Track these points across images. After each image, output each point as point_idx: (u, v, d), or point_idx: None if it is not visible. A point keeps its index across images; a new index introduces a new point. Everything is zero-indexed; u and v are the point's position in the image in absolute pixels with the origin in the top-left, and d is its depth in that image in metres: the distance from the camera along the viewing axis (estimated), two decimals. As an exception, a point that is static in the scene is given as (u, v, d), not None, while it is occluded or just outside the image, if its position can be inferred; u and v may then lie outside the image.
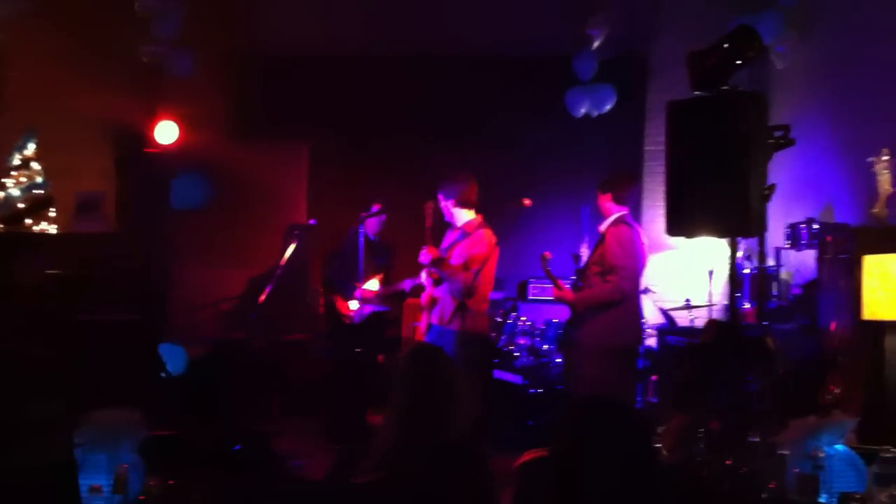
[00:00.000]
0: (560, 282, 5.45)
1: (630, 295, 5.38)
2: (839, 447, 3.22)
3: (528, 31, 8.19)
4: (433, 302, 5.62)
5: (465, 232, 5.69)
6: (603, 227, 5.50)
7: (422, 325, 5.72)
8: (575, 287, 5.48)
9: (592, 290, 5.33)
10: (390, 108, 8.27)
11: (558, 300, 5.53)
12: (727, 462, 3.20)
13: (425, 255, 5.53)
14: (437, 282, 5.60)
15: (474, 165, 6.63)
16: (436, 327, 5.59)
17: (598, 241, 5.48)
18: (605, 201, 5.51)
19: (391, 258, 7.27)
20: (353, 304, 6.67)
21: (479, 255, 5.47)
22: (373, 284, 6.97)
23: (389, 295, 7.05)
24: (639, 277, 5.47)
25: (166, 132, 7.80)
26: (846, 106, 6.10)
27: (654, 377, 6.78)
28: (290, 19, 8.15)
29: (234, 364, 7.49)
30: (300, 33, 8.31)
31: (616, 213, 5.46)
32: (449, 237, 5.85)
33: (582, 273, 5.48)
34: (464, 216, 5.67)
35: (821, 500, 3.03)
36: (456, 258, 5.55)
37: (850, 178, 5.85)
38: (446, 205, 5.68)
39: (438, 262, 5.49)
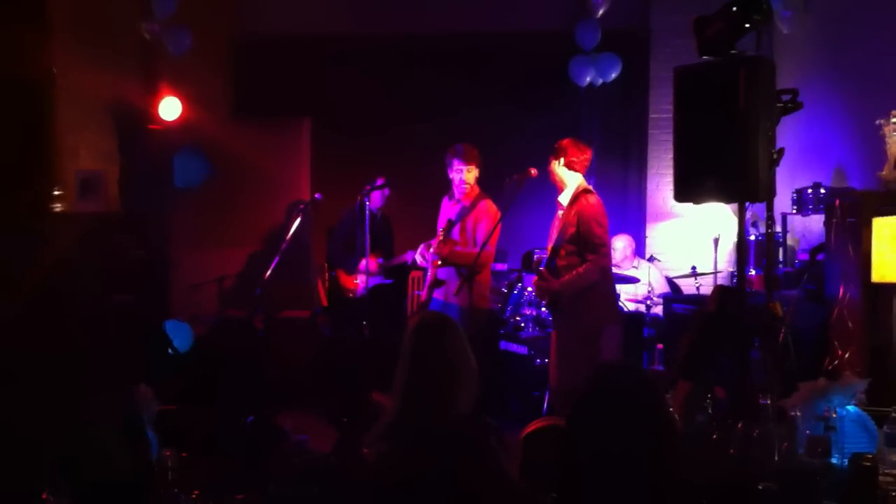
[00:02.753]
0: (543, 270, 5.18)
1: (609, 271, 5.30)
2: (850, 408, 3.23)
3: (530, 4, 8.16)
4: (437, 283, 5.64)
5: (466, 205, 5.71)
6: (566, 199, 5.25)
7: (422, 295, 5.74)
8: (548, 267, 5.20)
9: (574, 274, 5.09)
10: (392, 83, 8.23)
11: (541, 292, 5.28)
12: (738, 426, 3.20)
13: (433, 255, 5.61)
14: (444, 261, 5.62)
15: (478, 137, 6.63)
16: (438, 301, 5.60)
17: (566, 216, 5.20)
18: (558, 168, 5.27)
19: (392, 231, 7.28)
20: (357, 280, 6.68)
21: (485, 230, 5.49)
22: (377, 260, 6.98)
23: (393, 268, 7.06)
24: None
25: (170, 108, 7.78)
26: (852, 69, 6.06)
27: (659, 346, 6.79)
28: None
29: (236, 341, 7.52)
30: (301, 10, 8.27)
31: (574, 182, 5.25)
32: (448, 208, 5.85)
33: (554, 254, 5.18)
34: (469, 184, 5.70)
35: (832, 460, 3.04)
36: (462, 234, 5.58)
37: (857, 142, 5.82)
38: (469, 171, 5.67)
39: (451, 256, 5.52)
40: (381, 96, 8.25)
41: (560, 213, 5.31)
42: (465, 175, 5.70)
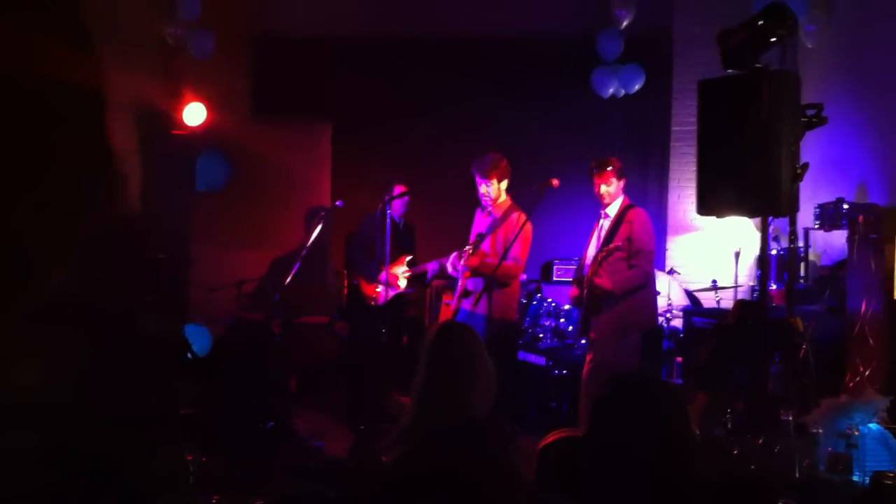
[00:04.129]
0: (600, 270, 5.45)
1: (653, 278, 5.64)
2: (872, 426, 3.21)
3: (552, 12, 8.16)
4: (466, 293, 5.66)
5: (497, 216, 5.73)
6: (613, 210, 5.60)
7: (452, 304, 5.76)
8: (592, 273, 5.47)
9: (627, 276, 5.39)
10: (414, 88, 8.23)
11: (594, 292, 5.45)
12: (759, 441, 3.19)
13: (463, 266, 5.66)
14: (473, 273, 5.66)
15: (501, 145, 6.64)
16: (465, 311, 5.63)
17: (614, 225, 5.52)
18: (619, 185, 5.63)
19: (414, 239, 7.27)
20: (378, 289, 6.66)
21: (516, 241, 5.52)
22: (399, 268, 6.96)
23: (413, 277, 7.05)
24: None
25: (195, 114, 7.81)
26: (876, 85, 6.03)
27: (678, 359, 6.77)
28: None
29: (254, 345, 7.54)
30: (322, 12, 8.30)
31: (621, 194, 5.62)
32: (479, 220, 5.88)
33: (601, 260, 5.44)
34: (501, 197, 5.75)
35: (853, 478, 3.02)
36: (492, 246, 5.61)
37: (881, 158, 5.79)
38: (491, 184, 5.73)
39: (481, 267, 5.57)
40: (402, 100, 8.25)
41: (604, 223, 5.63)
42: (485, 189, 5.73)
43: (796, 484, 2.96)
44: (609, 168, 5.58)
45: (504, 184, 5.77)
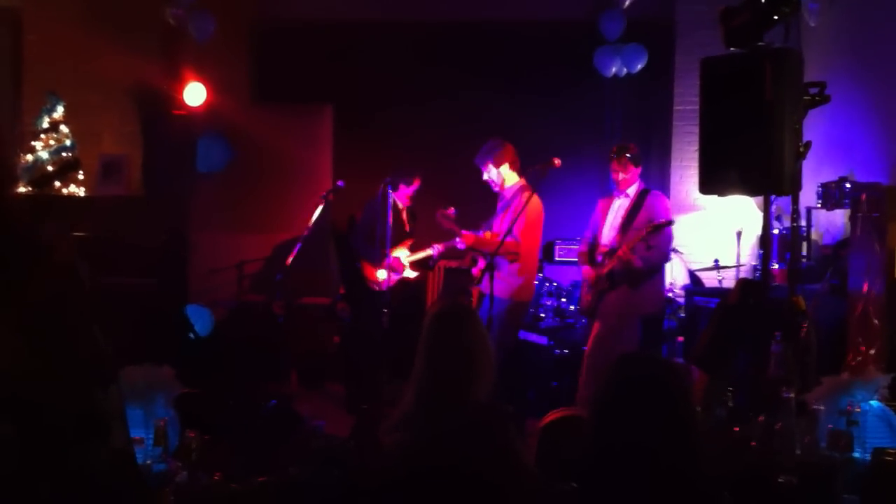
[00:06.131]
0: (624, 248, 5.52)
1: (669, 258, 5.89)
2: (873, 403, 3.21)
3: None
4: (490, 267, 5.71)
5: (507, 198, 5.78)
6: (632, 192, 5.77)
7: (476, 271, 5.85)
8: (611, 253, 5.62)
9: (652, 253, 5.53)
10: (414, 70, 8.20)
11: (620, 263, 5.51)
12: (760, 418, 3.19)
13: (461, 243, 5.85)
14: (471, 249, 5.82)
15: (502, 126, 6.62)
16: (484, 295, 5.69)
17: (634, 207, 5.69)
18: (635, 171, 5.79)
19: (417, 224, 7.27)
20: (382, 274, 6.67)
21: (520, 223, 5.55)
22: (402, 252, 6.96)
23: (417, 261, 7.05)
24: None
25: (195, 94, 7.80)
26: (880, 63, 6.00)
27: (680, 338, 6.78)
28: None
29: (255, 326, 7.56)
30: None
31: (637, 181, 5.81)
32: (498, 206, 5.96)
33: (647, 233, 5.52)
34: (505, 179, 5.85)
35: (854, 455, 3.02)
36: (501, 226, 5.64)
37: (884, 137, 5.77)
38: (485, 169, 5.86)
39: (477, 244, 5.64)
40: (403, 84, 8.22)
41: (620, 202, 5.80)
42: (486, 176, 5.91)
43: (797, 461, 2.97)
44: (627, 155, 5.75)
45: (505, 167, 5.82)
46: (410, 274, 7.06)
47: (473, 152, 5.95)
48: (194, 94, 7.80)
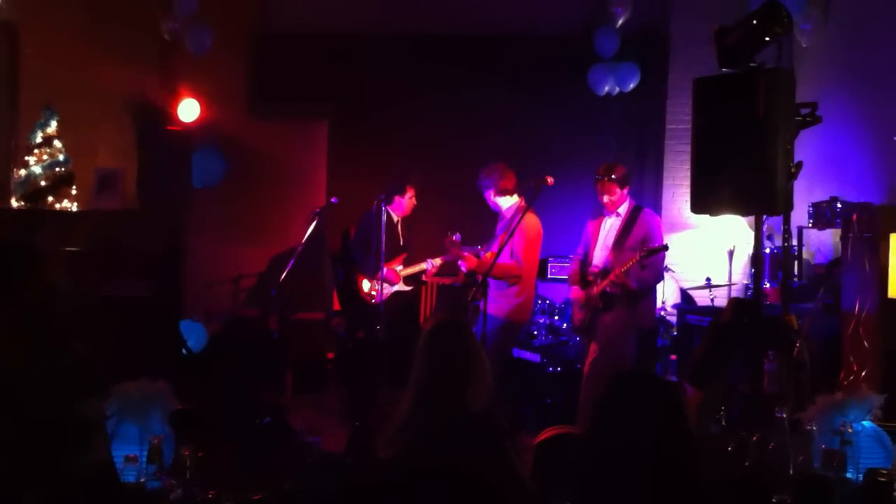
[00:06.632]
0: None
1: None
2: (866, 423, 3.23)
3: (550, 9, 8.16)
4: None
5: (507, 219, 5.85)
6: (623, 211, 5.73)
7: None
8: (603, 274, 5.60)
9: (648, 274, 5.51)
10: (411, 85, 8.21)
11: (614, 286, 5.50)
12: (754, 437, 3.21)
13: (465, 265, 5.96)
14: (472, 273, 5.97)
15: (496, 144, 6.64)
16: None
17: (626, 226, 5.65)
18: (621, 192, 5.71)
19: (412, 235, 7.28)
20: (367, 284, 6.73)
21: (518, 243, 5.60)
22: (397, 266, 6.97)
23: (411, 274, 7.07)
24: None
25: (189, 110, 7.80)
26: (871, 84, 6.06)
27: (673, 356, 6.79)
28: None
29: (250, 340, 7.54)
30: (319, 9, 8.29)
31: (626, 200, 5.74)
32: (498, 227, 6.02)
33: (642, 256, 5.49)
34: (504, 203, 5.95)
35: (847, 475, 3.04)
36: (495, 247, 5.68)
37: (875, 157, 5.82)
38: (487, 194, 5.99)
39: (480, 268, 5.69)
40: (399, 97, 8.22)
41: (612, 221, 5.77)
42: (489, 197, 6.00)
43: (791, 480, 2.98)
44: (613, 176, 5.67)
45: (505, 196, 5.95)
46: (404, 287, 7.07)
47: (468, 169, 6.04)
48: (188, 110, 7.81)
